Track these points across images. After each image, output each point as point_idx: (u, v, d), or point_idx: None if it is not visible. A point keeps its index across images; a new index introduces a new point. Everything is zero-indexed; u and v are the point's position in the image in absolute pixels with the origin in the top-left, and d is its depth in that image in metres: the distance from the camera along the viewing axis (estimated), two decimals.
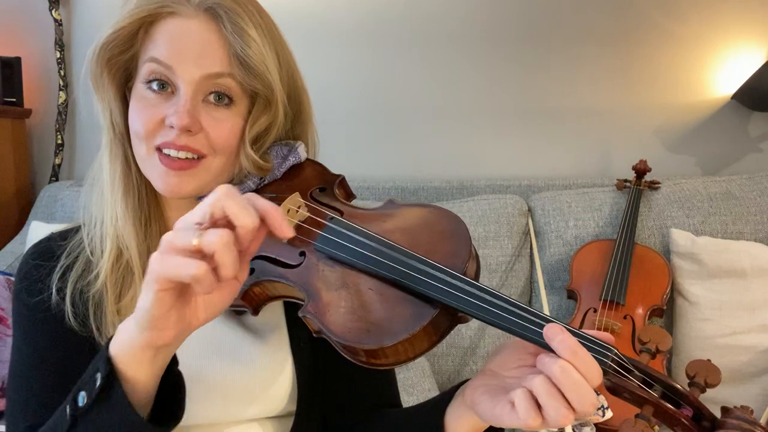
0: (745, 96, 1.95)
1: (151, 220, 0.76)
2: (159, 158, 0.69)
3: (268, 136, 0.75)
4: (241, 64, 0.69)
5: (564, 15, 2.05)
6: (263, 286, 0.66)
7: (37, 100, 2.25)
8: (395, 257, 0.59)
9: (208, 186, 0.71)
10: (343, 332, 0.57)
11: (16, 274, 0.79)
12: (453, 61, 2.11)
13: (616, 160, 2.07)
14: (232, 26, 0.68)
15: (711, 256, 1.54)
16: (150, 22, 0.69)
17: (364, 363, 0.58)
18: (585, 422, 1.31)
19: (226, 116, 0.70)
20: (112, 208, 0.73)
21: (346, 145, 2.11)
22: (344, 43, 2.13)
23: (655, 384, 0.50)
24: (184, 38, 0.68)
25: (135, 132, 0.71)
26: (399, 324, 0.56)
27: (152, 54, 0.69)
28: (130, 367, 0.54)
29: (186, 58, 0.68)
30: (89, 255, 0.75)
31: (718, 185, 1.74)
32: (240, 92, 0.71)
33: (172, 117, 0.67)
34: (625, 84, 2.05)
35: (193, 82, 0.68)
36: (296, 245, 0.66)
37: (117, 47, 0.69)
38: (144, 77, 0.70)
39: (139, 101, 0.70)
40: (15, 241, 1.99)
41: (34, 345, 0.74)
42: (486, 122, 2.12)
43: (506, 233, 1.78)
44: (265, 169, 0.74)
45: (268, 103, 0.72)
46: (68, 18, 2.23)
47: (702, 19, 1.99)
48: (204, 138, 0.70)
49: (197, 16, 0.68)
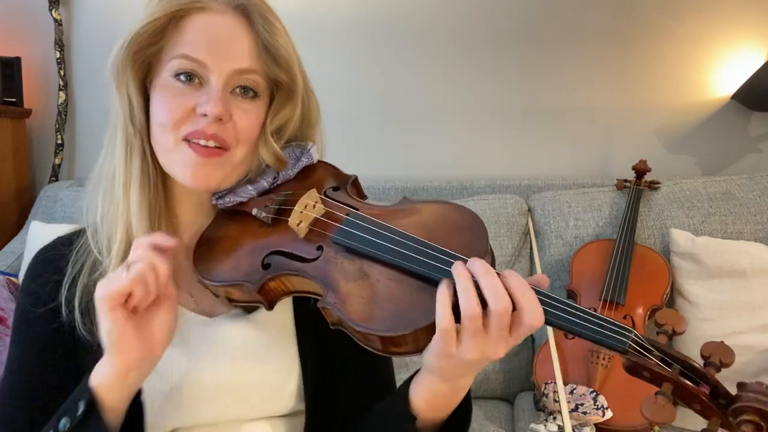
0: (745, 96, 1.95)
1: (161, 218, 0.76)
2: (188, 145, 0.70)
3: (286, 130, 0.77)
4: (269, 53, 0.72)
5: (564, 15, 2.05)
6: (279, 281, 0.67)
7: (37, 100, 2.25)
8: (414, 248, 0.61)
9: (229, 177, 0.74)
10: (364, 320, 0.58)
11: (20, 291, 0.79)
12: (453, 61, 2.11)
13: (616, 160, 2.07)
14: (261, 18, 0.71)
15: (711, 256, 1.54)
16: (181, 16, 0.70)
17: (381, 351, 0.60)
18: (585, 422, 1.31)
19: (252, 107, 0.73)
20: (125, 204, 0.73)
21: (345, 145, 2.11)
22: (344, 43, 2.13)
23: (674, 363, 0.52)
24: (214, 34, 0.70)
25: (160, 122, 0.71)
26: (419, 312, 0.57)
27: (183, 51, 0.70)
28: (108, 395, 0.62)
29: (218, 54, 0.70)
30: (96, 255, 0.75)
31: (718, 185, 1.73)
32: (264, 86, 0.74)
33: (205, 105, 0.69)
34: (625, 84, 2.05)
35: (224, 75, 0.70)
36: (313, 240, 0.68)
37: (147, 39, 0.70)
38: (172, 69, 0.70)
39: (165, 91, 0.71)
40: (15, 241, 1.99)
41: (29, 360, 0.75)
42: (486, 122, 2.12)
43: (506, 233, 1.78)
44: (283, 161, 0.76)
45: (291, 94, 0.75)
46: (68, 18, 2.23)
47: (702, 19, 1.99)
48: (231, 128, 0.71)
49: (227, 11, 0.71)
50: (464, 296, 0.55)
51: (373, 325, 0.58)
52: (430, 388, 0.63)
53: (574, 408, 1.33)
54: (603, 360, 1.42)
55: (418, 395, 0.65)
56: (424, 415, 0.65)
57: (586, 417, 1.31)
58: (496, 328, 0.55)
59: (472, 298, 0.55)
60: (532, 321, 0.55)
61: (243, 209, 0.75)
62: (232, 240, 0.73)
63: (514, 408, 1.63)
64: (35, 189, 2.26)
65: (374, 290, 0.61)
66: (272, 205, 0.73)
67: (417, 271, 0.60)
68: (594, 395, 1.35)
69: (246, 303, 0.71)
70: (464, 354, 0.56)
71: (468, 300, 0.55)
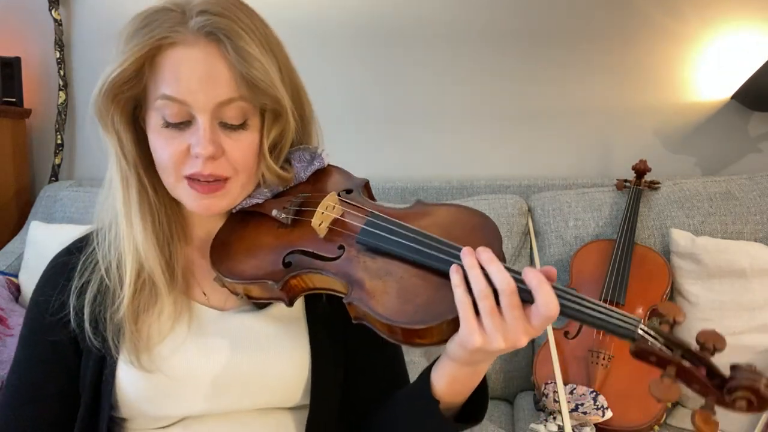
0: (745, 96, 1.95)
1: (173, 239, 0.79)
2: (188, 184, 0.73)
3: (285, 142, 0.78)
4: (247, 84, 0.70)
5: (564, 15, 2.05)
6: (300, 279, 0.70)
7: (36, 100, 2.25)
8: (436, 246, 0.65)
9: (237, 199, 0.77)
10: (393, 314, 0.62)
11: (33, 295, 0.81)
12: (453, 61, 2.11)
13: (616, 160, 2.07)
14: (234, 50, 0.68)
15: (711, 256, 1.54)
16: (153, 56, 0.70)
17: (405, 342, 0.63)
18: (585, 422, 1.31)
19: (244, 136, 0.73)
20: (129, 234, 0.75)
21: (345, 145, 2.11)
22: (344, 43, 2.13)
23: (675, 348, 0.58)
24: (190, 70, 0.69)
25: (160, 165, 0.74)
26: (444, 305, 0.62)
27: (163, 91, 0.70)
28: None
29: (196, 91, 0.69)
30: (104, 273, 0.77)
31: (718, 185, 1.73)
32: (251, 110, 0.73)
33: (196, 147, 0.70)
34: (625, 84, 2.05)
35: (208, 111, 0.70)
36: (334, 240, 0.71)
37: (124, 84, 0.71)
38: (158, 111, 0.71)
39: (159, 135, 0.72)
40: (15, 241, 1.99)
41: (33, 366, 0.78)
42: (486, 122, 2.12)
43: (506, 233, 1.78)
44: (286, 179, 0.78)
45: (278, 115, 0.75)
46: (68, 18, 2.23)
47: (702, 18, 1.99)
48: (226, 161, 0.72)
49: (198, 43, 0.69)
50: (472, 275, 0.60)
51: (401, 318, 0.61)
52: (452, 373, 0.68)
53: (574, 408, 1.33)
54: (603, 360, 1.42)
55: (440, 381, 0.69)
56: (446, 398, 0.69)
57: (586, 417, 1.31)
58: (508, 308, 0.59)
59: (480, 278, 0.60)
60: (548, 311, 0.58)
61: (259, 210, 0.78)
62: (250, 240, 0.76)
63: (514, 408, 1.63)
64: (35, 189, 2.26)
65: (400, 286, 0.65)
66: (291, 206, 0.76)
67: (440, 268, 0.64)
68: (594, 395, 1.35)
69: (265, 300, 0.74)
70: (491, 342, 0.59)
71: (477, 279, 0.60)
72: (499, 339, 0.59)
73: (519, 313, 0.60)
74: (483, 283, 0.60)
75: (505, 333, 0.59)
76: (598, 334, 1.47)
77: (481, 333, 0.59)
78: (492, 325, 0.59)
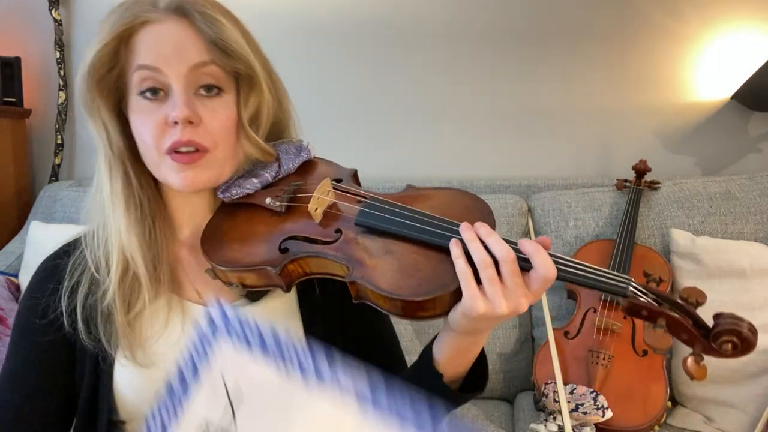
0: (745, 96, 1.95)
1: (157, 231, 0.80)
2: (171, 158, 0.73)
3: (262, 117, 0.79)
4: (219, 49, 0.73)
5: (564, 14, 2.05)
6: (298, 263, 0.71)
7: (36, 100, 2.25)
8: (433, 223, 0.68)
9: (221, 174, 0.77)
10: (395, 288, 0.64)
11: (22, 298, 0.81)
12: (452, 60, 2.11)
13: (616, 160, 2.07)
14: (202, 17, 0.73)
15: (711, 256, 1.54)
16: (128, 36, 0.73)
17: (407, 316, 0.65)
18: (585, 422, 1.31)
19: (221, 106, 0.75)
20: (116, 223, 0.76)
21: (344, 145, 2.11)
22: (343, 42, 2.13)
23: (663, 302, 0.64)
24: (163, 41, 0.72)
25: (143, 142, 0.75)
26: (446, 277, 0.64)
27: (138, 62, 0.73)
28: None
29: (170, 57, 0.72)
30: (94, 272, 0.78)
31: (718, 185, 1.73)
32: (226, 79, 0.75)
33: (172, 113, 0.71)
34: (625, 84, 2.05)
35: (182, 77, 0.72)
36: (330, 225, 0.73)
37: (103, 66, 0.73)
38: (136, 87, 0.73)
39: (139, 112, 0.74)
40: (15, 241, 1.99)
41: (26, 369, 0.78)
42: (486, 122, 2.12)
43: (506, 233, 1.78)
44: (268, 153, 0.79)
45: (252, 83, 0.76)
46: (68, 18, 2.22)
47: (702, 18, 1.99)
48: (205, 131, 0.73)
49: (168, 18, 0.73)
50: (473, 247, 0.63)
51: (404, 292, 0.63)
52: (453, 344, 0.70)
53: (574, 408, 1.33)
54: (603, 360, 1.42)
55: (442, 354, 0.72)
56: (449, 370, 0.72)
57: (586, 417, 1.31)
58: (509, 275, 0.63)
59: (481, 249, 0.63)
60: (546, 272, 0.62)
61: (250, 201, 0.78)
62: (242, 229, 0.77)
63: (514, 408, 1.63)
64: (35, 189, 2.26)
65: (401, 262, 0.66)
66: (284, 194, 0.77)
67: (440, 243, 0.66)
68: (594, 395, 1.35)
69: (261, 287, 0.75)
70: (494, 308, 0.62)
71: (477, 251, 0.63)
72: (502, 304, 0.62)
73: (519, 280, 0.63)
74: (484, 253, 0.63)
75: (508, 298, 0.63)
76: (598, 334, 1.47)
77: (484, 300, 0.62)
78: (494, 291, 0.62)
